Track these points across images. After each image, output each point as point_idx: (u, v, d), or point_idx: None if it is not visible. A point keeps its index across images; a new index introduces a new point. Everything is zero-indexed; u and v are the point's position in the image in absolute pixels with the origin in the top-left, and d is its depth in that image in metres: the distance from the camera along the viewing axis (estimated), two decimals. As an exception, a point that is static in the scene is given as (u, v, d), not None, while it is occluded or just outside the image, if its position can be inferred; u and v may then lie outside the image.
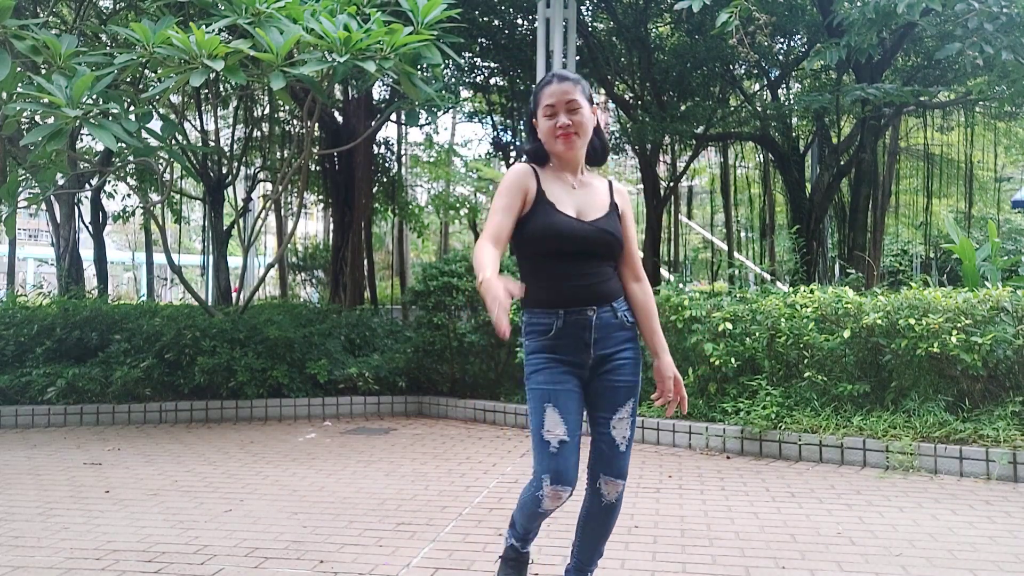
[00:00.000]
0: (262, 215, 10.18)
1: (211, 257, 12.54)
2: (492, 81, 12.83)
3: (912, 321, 4.94)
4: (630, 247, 2.55)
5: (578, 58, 9.94)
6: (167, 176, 7.64)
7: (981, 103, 11.62)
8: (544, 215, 2.39)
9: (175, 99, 9.42)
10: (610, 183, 2.58)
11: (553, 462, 2.31)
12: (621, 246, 2.49)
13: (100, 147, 9.22)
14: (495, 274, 2.12)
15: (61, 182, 8.32)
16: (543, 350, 2.40)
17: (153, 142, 5.94)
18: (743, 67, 12.23)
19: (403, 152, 14.99)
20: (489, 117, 14.13)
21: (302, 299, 14.32)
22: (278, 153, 13.24)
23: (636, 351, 2.51)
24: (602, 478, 2.45)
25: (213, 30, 5.08)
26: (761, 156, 15.63)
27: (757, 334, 5.61)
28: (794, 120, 12.60)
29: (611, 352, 2.44)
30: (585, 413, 2.49)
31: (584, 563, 2.58)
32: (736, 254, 16.36)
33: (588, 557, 2.57)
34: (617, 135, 13.33)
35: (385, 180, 13.60)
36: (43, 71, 5.36)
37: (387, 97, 11.35)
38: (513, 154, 13.30)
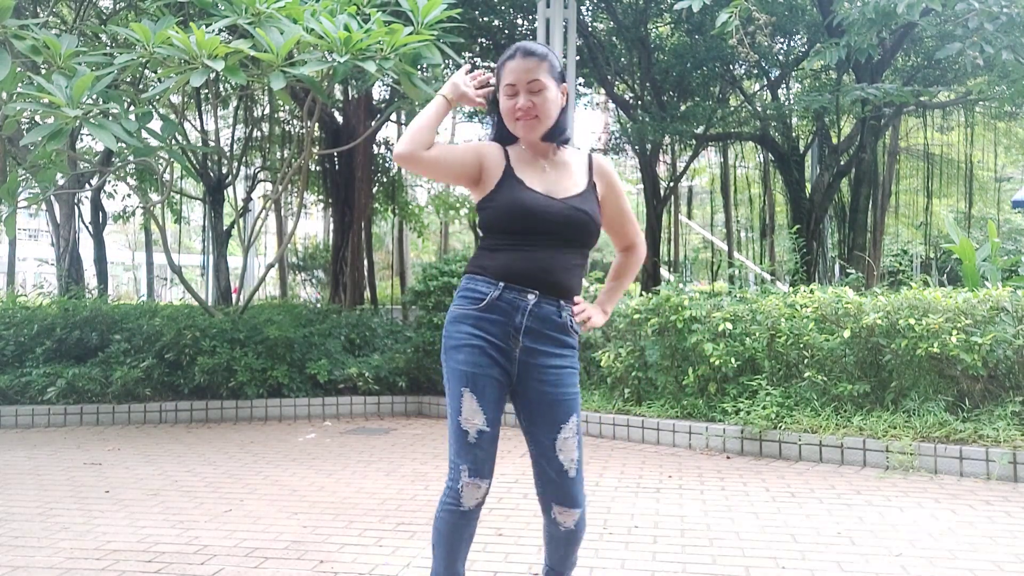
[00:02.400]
0: (262, 215, 10.18)
1: (211, 257, 12.55)
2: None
3: (912, 321, 4.94)
4: (625, 219, 2.39)
5: (578, 58, 9.94)
6: (167, 176, 7.65)
7: (981, 103, 11.63)
8: (510, 190, 2.19)
9: (175, 99, 9.42)
10: (589, 157, 2.35)
11: (471, 453, 2.13)
12: (597, 228, 2.26)
13: (100, 147, 9.23)
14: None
15: (61, 182, 8.32)
16: (468, 321, 2.18)
17: (153, 142, 5.94)
18: (743, 67, 12.24)
19: (403, 152, 14.97)
20: (489, 117, 14.13)
21: (301, 299, 14.32)
22: (278, 153, 13.24)
23: (574, 359, 2.25)
24: (555, 508, 2.20)
25: (213, 30, 5.08)
26: (761, 156, 15.64)
27: (757, 334, 5.61)
28: (794, 120, 12.61)
29: (543, 351, 2.19)
30: (519, 425, 2.29)
31: (557, 567, 2.37)
32: (736, 254, 16.37)
33: (560, 565, 2.37)
34: (617, 135, 13.33)
35: (385, 180, 13.60)
36: (43, 71, 5.36)
37: (387, 97, 11.36)
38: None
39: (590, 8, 11.80)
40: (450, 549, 2.19)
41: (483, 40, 11.44)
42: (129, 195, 12.92)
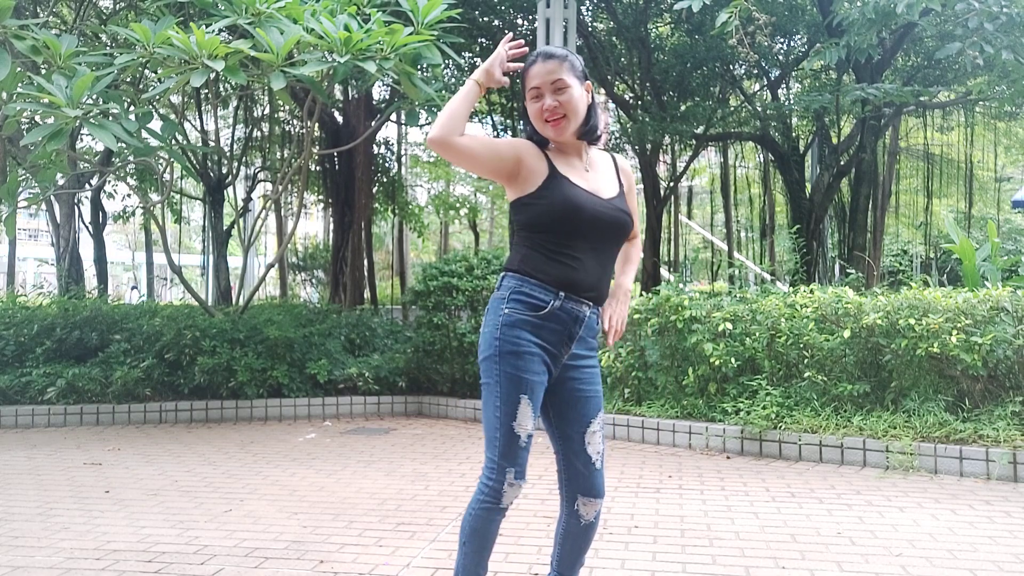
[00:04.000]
0: (262, 215, 10.19)
1: (211, 257, 12.55)
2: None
3: (912, 321, 4.94)
4: (635, 218, 2.44)
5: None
6: (167, 176, 7.65)
7: (981, 103, 11.62)
8: (561, 188, 2.18)
9: (175, 99, 9.43)
10: (613, 159, 2.43)
11: (519, 456, 2.16)
12: (631, 229, 2.34)
13: (100, 147, 9.23)
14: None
15: (61, 182, 8.32)
16: (526, 327, 2.16)
17: (153, 142, 5.94)
18: (743, 67, 12.23)
19: (403, 152, 15.00)
20: (489, 117, 14.13)
21: (302, 299, 14.32)
22: (278, 153, 13.25)
23: (596, 358, 2.36)
24: (580, 499, 2.26)
25: (213, 30, 5.08)
26: (761, 156, 15.64)
27: (757, 334, 5.61)
28: (794, 120, 12.60)
29: (580, 353, 2.27)
30: (544, 425, 2.33)
31: (566, 571, 2.42)
32: (736, 254, 16.37)
33: (568, 569, 2.41)
34: (617, 135, 13.33)
35: (385, 180, 13.60)
36: (43, 71, 5.36)
37: (387, 97, 11.36)
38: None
39: (590, 8, 11.80)
40: (482, 546, 2.21)
41: (483, 40, 11.43)
42: (129, 195, 12.93)
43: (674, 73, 11.65)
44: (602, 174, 2.33)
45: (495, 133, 14.20)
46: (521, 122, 2.51)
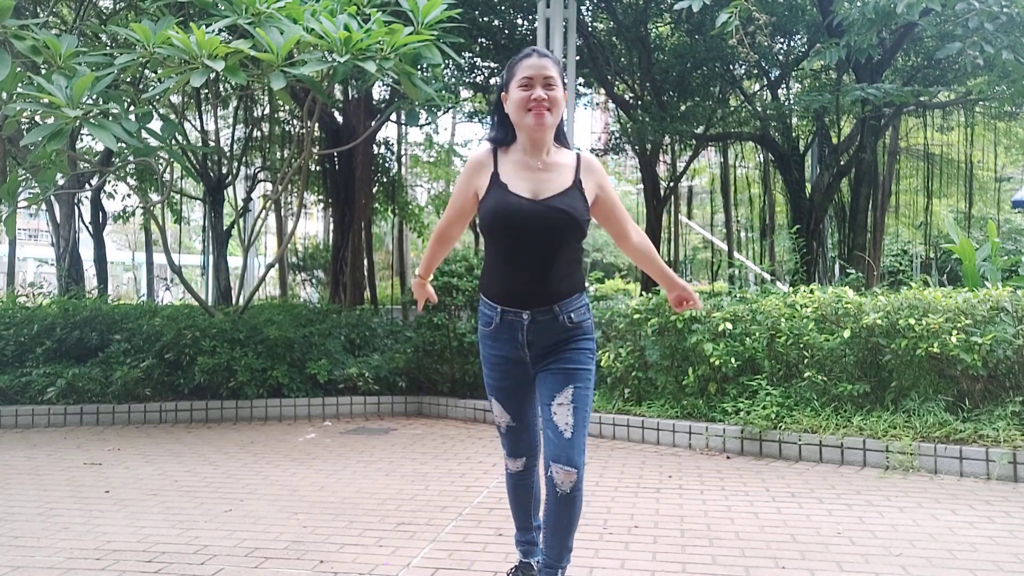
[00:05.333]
0: (262, 215, 10.18)
1: (211, 257, 12.54)
2: (492, 81, 12.83)
3: (912, 321, 4.94)
4: (617, 213, 2.54)
5: (578, 58, 9.94)
6: (167, 176, 7.65)
7: (981, 103, 11.62)
8: (495, 197, 2.40)
9: (175, 99, 9.42)
10: (578, 157, 2.50)
11: (504, 439, 2.66)
12: (577, 223, 2.40)
13: (100, 147, 9.23)
14: (425, 278, 2.81)
15: (61, 182, 8.32)
16: (486, 340, 2.56)
17: (153, 142, 5.94)
18: (743, 67, 12.23)
19: (403, 152, 14.99)
20: (489, 117, 14.12)
21: (302, 299, 14.32)
22: (278, 153, 13.24)
23: (584, 342, 2.48)
24: (553, 467, 2.43)
25: (213, 30, 5.08)
26: (761, 156, 15.62)
27: (757, 334, 5.61)
28: (794, 120, 12.59)
29: (552, 347, 2.47)
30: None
31: (553, 559, 2.54)
32: (736, 254, 16.36)
33: (556, 553, 2.53)
34: (617, 135, 13.33)
35: (385, 180, 13.60)
36: (43, 71, 5.36)
37: (387, 97, 11.35)
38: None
39: (590, 8, 11.80)
40: (515, 503, 2.71)
41: (483, 40, 11.43)
42: (129, 195, 12.92)
43: (674, 73, 11.65)
44: (555, 173, 2.43)
45: (494, 133, 14.15)
46: (490, 119, 2.60)
